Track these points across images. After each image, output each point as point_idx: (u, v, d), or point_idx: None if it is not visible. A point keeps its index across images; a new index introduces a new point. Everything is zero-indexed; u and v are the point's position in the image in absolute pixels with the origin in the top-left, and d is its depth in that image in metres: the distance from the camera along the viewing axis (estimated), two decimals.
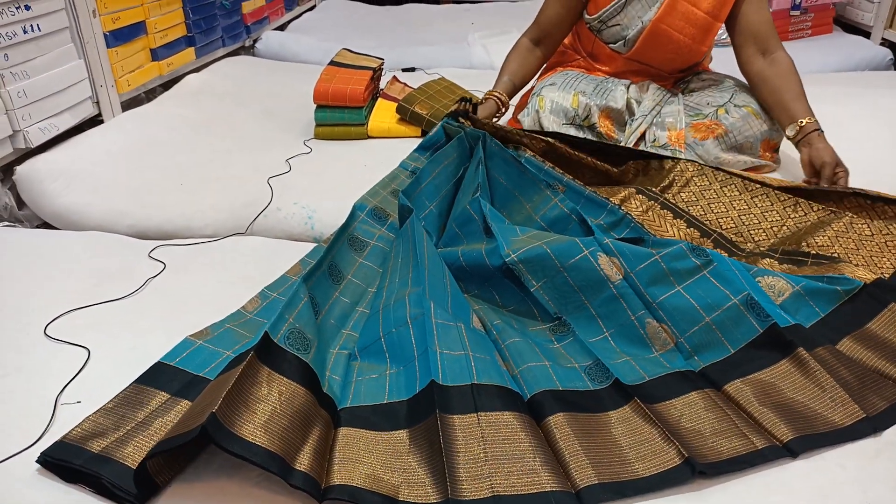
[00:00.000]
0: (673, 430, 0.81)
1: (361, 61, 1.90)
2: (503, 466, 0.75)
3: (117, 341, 0.99)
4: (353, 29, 2.96)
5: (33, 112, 1.51)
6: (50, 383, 0.90)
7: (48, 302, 1.08)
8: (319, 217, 1.39)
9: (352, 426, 0.82)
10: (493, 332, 0.98)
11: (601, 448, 0.79)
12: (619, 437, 0.81)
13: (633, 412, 0.84)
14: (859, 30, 2.72)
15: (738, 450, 0.79)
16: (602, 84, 1.60)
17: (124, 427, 0.81)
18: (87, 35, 1.68)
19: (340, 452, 0.78)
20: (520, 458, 0.76)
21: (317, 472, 0.73)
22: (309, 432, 0.77)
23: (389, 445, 0.80)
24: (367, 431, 0.82)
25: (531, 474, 0.74)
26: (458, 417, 0.78)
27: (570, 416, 0.82)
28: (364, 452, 0.79)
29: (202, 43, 2.24)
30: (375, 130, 1.76)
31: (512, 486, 0.73)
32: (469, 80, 2.05)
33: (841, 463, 0.79)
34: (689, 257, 1.01)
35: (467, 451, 0.75)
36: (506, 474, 0.74)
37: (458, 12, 3.22)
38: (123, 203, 1.42)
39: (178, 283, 1.15)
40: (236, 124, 1.83)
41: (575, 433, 0.80)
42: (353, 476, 0.75)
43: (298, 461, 0.73)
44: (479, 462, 0.75)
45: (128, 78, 1.86)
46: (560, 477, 0.74)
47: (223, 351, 0.93)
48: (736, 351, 0.94)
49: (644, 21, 1.53)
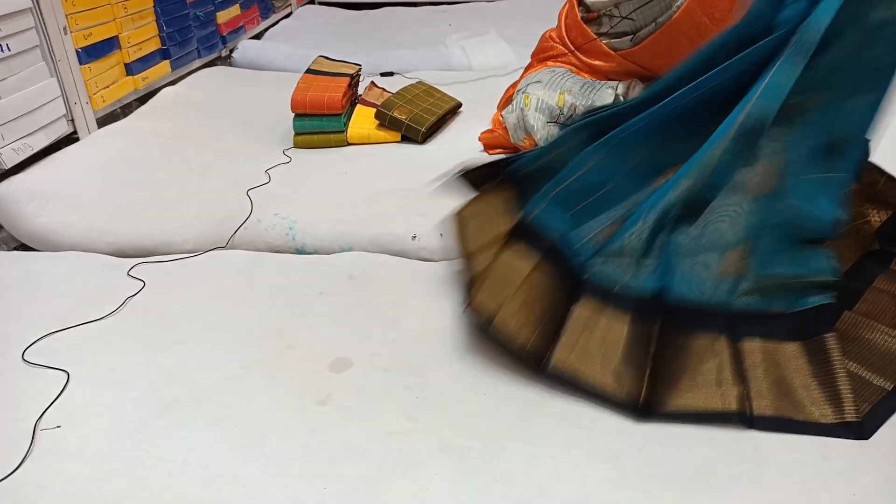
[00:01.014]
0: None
1: (338, 68, 1.89)
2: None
3: (97, 363, 0.98)
4: (330, 35, 2.95)
5: (6, 133, 1.49)
6: (29, 409, 0.89)
7: (26, 326, 1.06)
8: (301, 227, 1.38)
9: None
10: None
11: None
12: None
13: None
14: None
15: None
16: (588, 84, 1.59)
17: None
18: (58, 53, 1.66)
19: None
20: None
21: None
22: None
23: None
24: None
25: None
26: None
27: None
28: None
29: (177, 55, 2.22)
30: (355, 137, 1.75)
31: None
32: (448, 82, 2.05)
33: (825, 455, 0.79)
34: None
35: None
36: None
37: (434, 14, 3.21)
38: (102, 221, 1.41)
39: (159, 301, 1.13)
40: (214, 136, 1.81)
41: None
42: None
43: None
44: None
45: (102, 94, 1.84)
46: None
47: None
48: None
49: (658, 22, 1.53)
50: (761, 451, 0.81)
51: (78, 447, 0.84)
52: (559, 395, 0.91)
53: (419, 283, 1.18)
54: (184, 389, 0.93)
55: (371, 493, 0.78)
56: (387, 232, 1.34)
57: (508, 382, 0.93)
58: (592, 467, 0.80)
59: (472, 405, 0.90)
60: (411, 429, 0.86)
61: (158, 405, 0.90)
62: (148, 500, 0.77)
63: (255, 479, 0.80)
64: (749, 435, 0.83)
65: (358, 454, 0.83)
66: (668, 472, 0.79)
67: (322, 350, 1.01)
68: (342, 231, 1.36)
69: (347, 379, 0.95)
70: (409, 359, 0.99)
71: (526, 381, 0.93)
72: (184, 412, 0.89)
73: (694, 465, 0.80)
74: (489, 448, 0.83)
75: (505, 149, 1.66)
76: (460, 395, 0.92)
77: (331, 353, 1.00)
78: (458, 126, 1.85)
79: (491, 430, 0.86)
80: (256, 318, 1.08)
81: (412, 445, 0.84)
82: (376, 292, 1.15)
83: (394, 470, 0.81)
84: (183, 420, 0.88)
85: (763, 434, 0.83)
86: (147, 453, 0.83)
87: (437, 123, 1.79)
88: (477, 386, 0.93)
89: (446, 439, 0.85)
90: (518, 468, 0.80)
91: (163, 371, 0.97)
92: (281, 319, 1.08)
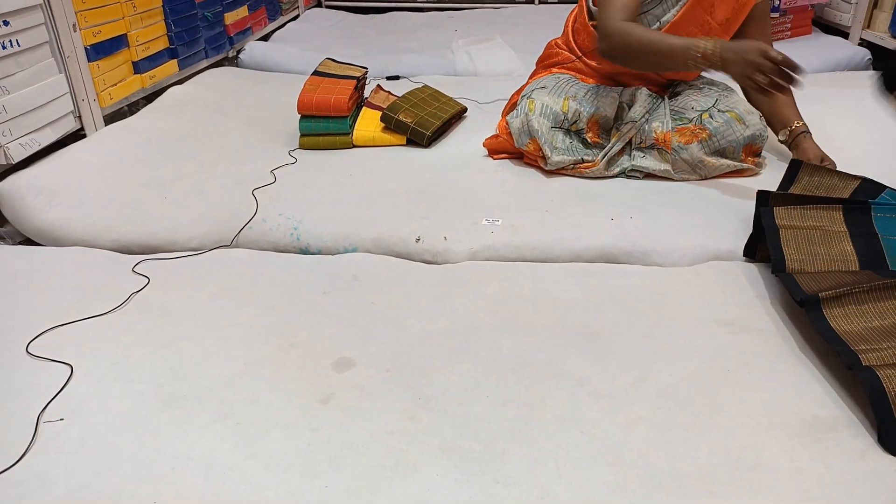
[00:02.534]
0: None
1: (345, 70, 1.90)
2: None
3: (101, 357, 0.98)
4: (336, 38, 2.97)
5: (14, 128, 1.50)
6: (32, 402, 0.89)
7: (31, 319, 1.07)
8: (305, 228, 1.38)
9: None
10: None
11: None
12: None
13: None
14: (838, 30, 2.75)
15: None
16: (593, 91, 1.60)
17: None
18: (67, 49, 1.67)
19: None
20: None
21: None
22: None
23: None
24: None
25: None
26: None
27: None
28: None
29: (185, 55, 2.23)
30: (360, 139, 1.76)
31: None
32: (453, 87, 2.06)
33: (827, 464, 0.80)
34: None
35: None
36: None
37: (440, 19, 3.23)
38: (107, 218, 1.41)
39: (163, 298, 1.14)
40: (220, 136, 1.82)
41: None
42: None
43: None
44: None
45: (110, 91, 1.85)
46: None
47: None
48: None
49: (662, 21, 1.56)
50: (763, 458, 0.81)
51: (80, 440, 0.84)
52: (561, 399, 0.91)
53: (422, 285, 1.18)
54: (187, 385, 0.93)
55: (372, 492, 0.78)
56: (391, 233, 1.35)
57: (510, 385, 0.94)
58: (593, 471, 0.80)
59: (474, 407, 0.90)
60: (413, 429, 0.87)
61: (161, 400, 0.91)
62: (149, 494, 0.77)
63: (256, 475, 0.80)
64: (751, 442, 0.83)
65: (359, 453, 0.83)
66: (668, 478, 0.79)
67: (325, 349, 1.01)
68: (346, 232, 1.36)
69: (350, 378, 0.95)
70: (411, 359, 0.99)
71: (528, 383, 0.94)
72: (186, 408, 0.89)
73: (694, 471, 0.80)
74: (490, 450, 0.83)
75: (509, 153, 1.67)
76: (462, 396, 0.92)
77: (334, 353, 1.00)
78: (463, 131, 1.86)
79: (492, 432, 0.86)
80: (260, 316, 1.09)
81: (414, 446, 0.84)
82: (379, 293, 1.15)
83: (395, 470, 0.81)
84: (186, 415, 0.88)
85: (765, 442, 0.83)
86: (149, 448, 0.83)
87: (443, 128, 1.80)
88: (479, 388, 0.93)
89: (448, 440, 0.85)
90: (519, 470, 0.80)
91: (166, 366, 0.97)
92: (284, 318, 1.08)
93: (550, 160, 1.53)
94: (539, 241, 1.32)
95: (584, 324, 1.07)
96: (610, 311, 1.10)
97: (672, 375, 0.95)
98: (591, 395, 0.92)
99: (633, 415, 0.88)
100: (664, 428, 0.86)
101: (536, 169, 1.61)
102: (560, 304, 1.12)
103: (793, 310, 1.08)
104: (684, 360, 0.98)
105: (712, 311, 1.09)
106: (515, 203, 1.45)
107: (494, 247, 1.32)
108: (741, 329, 1.05)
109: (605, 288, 1.16)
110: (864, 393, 0.87)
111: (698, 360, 0.98)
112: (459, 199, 1.47)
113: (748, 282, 1.17)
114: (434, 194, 1.49)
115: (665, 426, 0.86)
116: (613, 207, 1.42)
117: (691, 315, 1.08)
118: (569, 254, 1.30)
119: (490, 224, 1.37)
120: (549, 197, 1.48)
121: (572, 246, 1.31)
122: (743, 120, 1.52)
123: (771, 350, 1.00)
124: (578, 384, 0.94)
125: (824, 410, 0.88)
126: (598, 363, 0.98)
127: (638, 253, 1.30)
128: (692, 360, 0.98)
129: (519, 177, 1.58)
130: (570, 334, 1.04)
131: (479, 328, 1.06)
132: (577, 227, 1.35)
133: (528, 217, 1.39)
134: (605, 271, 1.23)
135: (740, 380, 0.94)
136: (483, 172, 1.60)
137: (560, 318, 1.08)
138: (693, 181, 1.54)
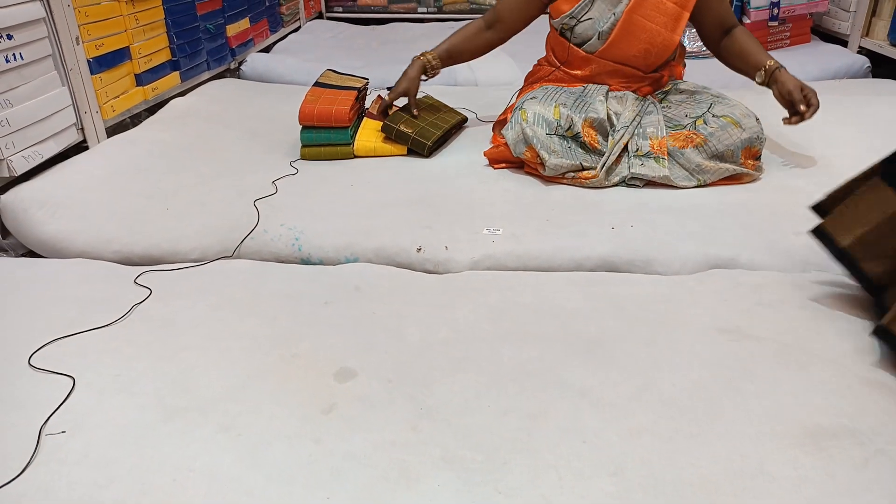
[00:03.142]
0: None
1: (346, 81, 1.91)
2: None
3: (103, 369, 0.99)
4: (337, 49, 2.98)
5: (17, 140, 1.51)
6: (34, 414, 0.89)
7: (33, 331, 1.07)
8: (307, 238, 1.39)
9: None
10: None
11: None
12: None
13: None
14: (837, 38, 2.76)
15: None
16: (581, 97, 1.63)
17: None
18: (70, 62, 1.68)
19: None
20: None
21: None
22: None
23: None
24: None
25: None
26: None
27: None
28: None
29: (187, 67, 2.24)
30: (361, 150, 1.77)
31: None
32: (454, 97, 2.07)
33: (830, 472, 0.79)
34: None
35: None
36: None
37: (441, 30, 3.24)
38: (109, 229, 1.42)
39: (165, 309, 1.14)
40: (222, 147, 1.83)
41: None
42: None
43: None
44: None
45: (112, 104, 1.86)
46: None
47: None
48: None
49: (616, 13, 1.61)
50: (766, 467, 0.81)
51: (82, 452, 0.84)
52: (562, 408, 0.91)
53: (424, 295, 1.18)
54: (189, 396, 0.93)
55: (374, 503, 0.78)
56: (392, 243, 1.35)
57: (511, 394, 0.94)
58: (595, 480, 0.80)
59: (476, 417, 0.90)
60: (415, 440, 0.87)
61: (163, 412, 0.91)
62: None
63: (259, 487, 0.80)
64: (753, 451, 0.83)
65: (362, 464, 0.83)
66: (670, 487, 0.79)
67: (327, 360, 1.01)
68: (348, 242, 1.37)
69: (352, 389, 0.95)
70: (412, 369, 0.99)
71: (529, 393, 0.94)
72: (189, 419, 0.89)
73: (697, 480, 0.80)
74: (492, 460, 0.83)
75: (510, 163, 1.68)
76: (463, 406, 0.92)
77: (335, 363, 1.00)
78: (464, 141, 1.86)
79: (494, 442, 0.86)
80: (262, 327, 1.09)
81: (416, 456, 0.84)
82: (381, 303, 1.16)
83: (397, 481, 0.81)
84: (188, 427, 0.88)
85: (767, 450, 0.83)
86: (151, 460, 0.83)
87: (443, 137, 1.81)
88: (480, 398, 0.93)
89: (450, 451, 0.85)
90: (521, 480, 0.80)
91: (168, 378, 0.97)
92: (286, 329, 1.08)
93: (548, 163, 1.53)
94: (540, 250, 1.32)
95: (586, 333, 1.07)
96: (611, 319, 1.10)
97: (674, 384, 0.95)
98: (593, 405, 0.92)
99: (635, 424, 0.88)
100: (666, 437, 0.86)
101: (537, 178, 1.61)
102: (561, 313, 1.12)
103: (795, 317, 1.08)
104: (686, 369, 0.98)
105: (714, 319, 1.09)
106: (516, 212, 1.46)
107: (496, 256, 1.32)
108: (743, 337, 1.05)
109: (606, 297, 1.16)
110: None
111: (700, 369, 0.98)
112: (460, 208, 1.48)
113: (750, 289, 1.17)
114: (435, 204, 1.50)
115: (667, 435, 0.86)
116: (614, 216, 1.42)
117: (693, 323, 1.08)
118: (570, 263, 1.31)
119: (491, 233, 1.37)
120: (550, 206, 1.48)
121: (573, 255, 1.31)
122: (739, 124, 1.53)
123: (773, 358, 1.00)
124: (580, 393, 0.94)
125: (827, 419, 0.88)
126: (599, 372, 0.98)
127: (639, 261, 1.30)
128: (694, 369, 0.98)
129: (520, 186, 1.58)
130: (571, 343, 1.04)
131: (481, 338, 1.06)
132: (579, 235, 1.35)
133: (529, 226, 1.39)
134: (606, 280, 1.23)
135: (742, 388, 0.94)
136: (484, 182, 1.60)
137: (561, 327, 1.08)
138: (693, 189, 1.54)
